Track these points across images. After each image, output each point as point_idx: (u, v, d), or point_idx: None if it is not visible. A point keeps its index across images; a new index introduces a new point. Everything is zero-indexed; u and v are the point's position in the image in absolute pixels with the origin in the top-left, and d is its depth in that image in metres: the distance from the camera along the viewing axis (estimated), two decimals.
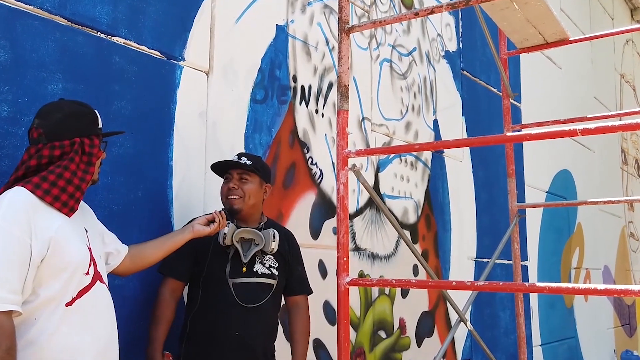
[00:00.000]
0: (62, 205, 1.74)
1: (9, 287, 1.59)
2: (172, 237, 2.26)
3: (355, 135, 3.76)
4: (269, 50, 3.19)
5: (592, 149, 7.89)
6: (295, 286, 2.61)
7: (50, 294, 1.68)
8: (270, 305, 2.44)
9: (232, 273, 2.39)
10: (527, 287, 2.17)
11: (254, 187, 2.47)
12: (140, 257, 2.16)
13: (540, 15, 3.30)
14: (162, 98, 2.61)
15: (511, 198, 4.05)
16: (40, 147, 1.77)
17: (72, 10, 2.28)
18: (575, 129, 2.05)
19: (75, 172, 1.77)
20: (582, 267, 7.28)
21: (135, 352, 2.38)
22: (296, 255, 2.62)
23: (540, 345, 5.95)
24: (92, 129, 1.86)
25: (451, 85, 4.89)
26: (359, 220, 3.77)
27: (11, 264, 1.60)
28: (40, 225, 1.68)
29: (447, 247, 4.64)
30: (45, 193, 1.71)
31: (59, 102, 1.90)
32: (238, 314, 2.35)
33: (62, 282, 1.70)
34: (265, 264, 2.46)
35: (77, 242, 1.78)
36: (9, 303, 1.58)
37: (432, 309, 4.41)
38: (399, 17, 2.51)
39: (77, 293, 1.74)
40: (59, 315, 1.69)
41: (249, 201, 2.45)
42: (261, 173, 2.50)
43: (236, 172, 2.47)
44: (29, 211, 1.67)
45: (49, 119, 1.80)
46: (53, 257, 1.68)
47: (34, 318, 1.66)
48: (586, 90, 7.89)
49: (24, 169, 1.76)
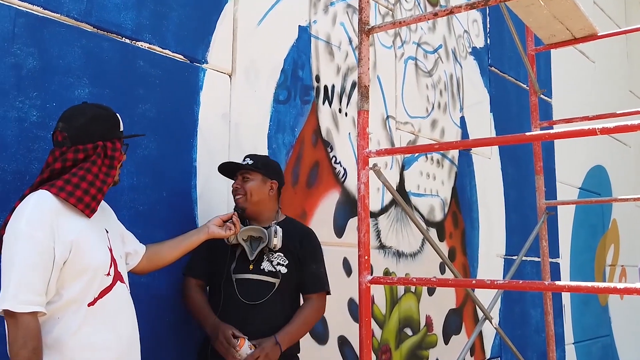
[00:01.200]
0: (84, 207, 1.79)
1: (33, 290, 1.66)
2: (188, 238, 2.31)
3: (380, 133, 3.78)
4: (292, 51, 3.23)
5: (629, 144, 7.73)
6: (307, 284, 2.55)
7: (72, 295, 1.74)
8: (276, 302, 2.42)
9: (236, 270, 2.43)
10: (547, 286, 2.17)
11: (256, 184, 2.50)
12: (157, 257, 2.22)
13: (566, 11, 3.26)
14: (186, 100, 2.68)
15: (539, 195, 4.01)
16: (65, 150, 1.83)
17: (98, 17, 2.36)
18: (595, 129, 2.03)
19: (97, 174, 1.83)
20: (617, 264, 7.15)
21: (159, 349, 2.45)
22: (311, 253, 2.57)
23: (573, 344, 5.87)
24: (114, 133, 1.92)
25: (478, 82, 4.85)
26: (384, 218, 3.78)
27: (35, 267, 1.67)
28: (62, 228, 1.74)
29: (475, 244, 4.61)
30: (69, 195, 1.77)
31: (82, 105, 1.95)
32: (240, 312, 2.38)
33: (84, 283, 1.76)
34: (273, 261, 2.46)
35: (98, 244, 1.84)
36: (34, 304, 1.65)
37: (460, 306, 4.39)
38: (418, 17, 2.51)
39: (99, 293, 1.80)
40: (81, 315, 1.75)
41: (251, 198, 2.49)
42: (262, 170, 2.53)
43: (240, 173, 2.53)
44: (52, 215, 1.73)
45: (73, 123, 1.86)
46: (75, 259, 1.75)
47: (57, 317, 1.73)
48: (621, 84, 7.72)
49: (49, 171, 1.82)
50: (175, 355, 2.54)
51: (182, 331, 2.58)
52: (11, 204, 2.03)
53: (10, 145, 2.07)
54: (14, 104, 2.09)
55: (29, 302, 1.64)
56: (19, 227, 1.69)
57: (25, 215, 1.70)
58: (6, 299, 1.63)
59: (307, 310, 2.49)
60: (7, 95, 2.08)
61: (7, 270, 1.66)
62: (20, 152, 2.09)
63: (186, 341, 2.59)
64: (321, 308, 2.57)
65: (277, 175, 2.61)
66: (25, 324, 1.63)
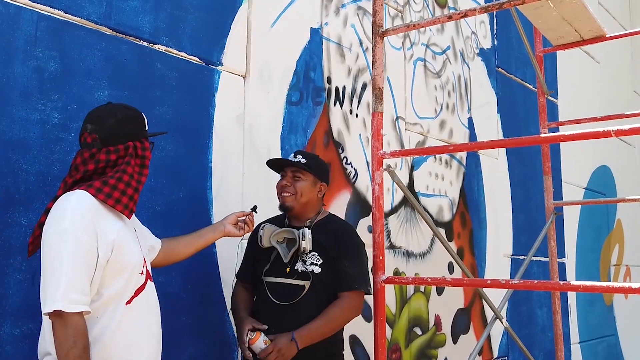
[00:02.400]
0: (123, 208, 1.81)
1: (80, 289, 1.67)
2: (204, 236, 2.33)
3: (389, 134, 3.80)
4: (304, 53, 3.26)
5: (633, 144, 7.75)
6: (339, 282, 2.45)
7: (112, 294, 1.76)
8: (309, 303, 2.39)
9: (269, 272, 2.45)
10: (562, 286, 2.19)
11: (307, 185, 2.49)
12: (172, 253, 2.24)
13: (575, 13, 3.28)
14: (202, 102, 2.71)
15: (547, 196, 4.04)
16: (95, 152, 1.84)
17: (117, 21, 2.39)
18: (610, 130, 2.06)
19: (132, 175, 1.85)
20: (622, 264, 7.17)
21: (176, 348, 2.48)
22: (344, 250, 2.46)
23: (578, 343, 5.90)
24: (141, 132, 1.94)
25: (486, 83, 4.88)
26: (393, 218, 3.81)
27: (80, 267, 1.68)
28: (104, 228, 1.76)
29: (483, 244, 4.64)
30: (107, 197, 1.79)
31: (108, 106, 1.94)
32: (274, 313, 2.40)
33: (122, 282, 1.79)
34: (307, 261, 2.43)
35: (134, 243, 1.87)
36: (81, 304, 1.67)
37: (468, 306, 4.42)
38: (433, 20, 2.54)
39: (135, 292, 1.82)
40: (119, 314, 1.77)
41: (301, 199, 2.47)
42: (315, 172, 2.50)
43: (290, 170, 2.50)
44: (94, 215, 1.74)
45: (103, 124, 1.86)
46: (116, 258, 1.77)
47: (96, 317, 1.74)
48: (626, 84, 7.75)
49: (82, 172, 1.82)
50: (190, 355, 2.57)
51: (198, 331, 2.61)
52: (34, 204, 2.07)
53: (33, 147, 2.10)
54: (36, 106, 2.12)
55: (78, 302, 1.66)
56: (63, 226, 1.69)
57: (67, 215, 1.71)
58: (56, 299, 1.63)
59: (334, 308, 2.39)
60: (30, 97, 2.11)
61: (54, 270, 1.66)
62: (43, 153, 2.12)
63: (201, 341, 2.62)
64: (353, 307, 2.44)
65: (327, 177, 2.59)
66: (74, 323, 1.64)
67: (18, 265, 2.04)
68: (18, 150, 2.07)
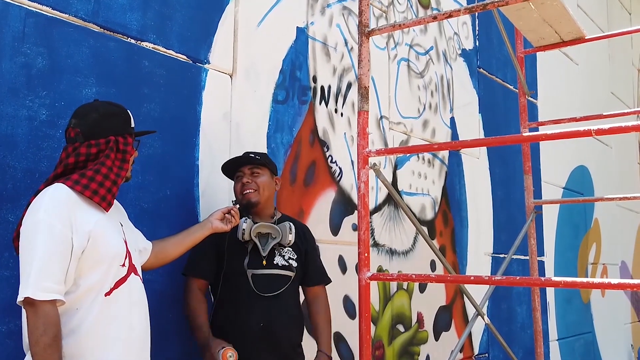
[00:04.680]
0: (100, 199, 1.83)
1: (52, 278, 1.68)
2: (192, 234, 2.35)
3: (374, 133, 3.84)
4: (290, 52, 3.28)
5: (610, 145, 7.89)
6: (315, 276, 2.71)
7: (90, 284, 1.78)
8: (289, 295, 2.53)
9: (250, 265, 2.48)
10: (543, 282, 2.24)
11: (267, 179, 2.58)
12: (163, 254, 2.26)
13: (556, 15, 3.35)
14: (189, 100, 2.72)
15: (528, 194, 4.11)
16: (77, 146, 1.87)
17: (105, 18, 2.39)
18: (590, 130, 2.12)
19: (111, 167, 1.87)
20: (599, 262, 7.30)
21: (164, 344, 2.49)
22: (312, 247, 2.73)
23: (557, 340, 6.00)
24: (125, 128, 1.96)
25: (468, 83, 4.94)
26: (377, 216, 3.85)
27: (54, 256, 1.70)
28: (80, 219, 1.77)
29: (464, 242, 4.71)
30: (85, 188, 1.81)
31: (94, 103, 2.00)
32: (259, 305, 2.43)
33: (100, 273, 1.80)
34: (285, 256, 2.55)
35: (114, 235, 1.88)
36: (54, 292, 1.68)
37: (450, 303, 4.48)
38: (418, 20, 2.58)
39: (115, 284, 1.83)
40: (98, 305, 1.79)
41: (264, 193, 2.55)
42: (270, 166, 2.61)
43: (247, 168, 2.57)
44: (70, 206, 1.76)
45: (86, 119, 1.90)
46: (92, 249, 1.78)
47: (75, 308, 1.76)
48: (603, 85, 7.89)
49: (63, 166, 1.85)
50: (179, 352, 2.58)
51: (185, 328, 2.61)
52: (22, 201, 2.07)
53: (21, 143, 2.10)
54: (24, 102, 2.12)
55: (49, 290, 1.67)
56: (37, 217, 1.71)
57: (42, 206, 1.73)
58: (27, 287, 1.65)
59: (323, 306, 2.69)
60: (18, 94, 2.11)
61: (27, 260, 1.69)
62: (31, 150, 2.12)
63: (189, 338, 2.62)
64: (328, 300, 2.74)
65: (277, 171, 2.70)
66: (45, 311, 1.65)
67: (5, 262, 2.04)
68: (5, 146, 2.06)
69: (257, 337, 2.42)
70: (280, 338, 2.46)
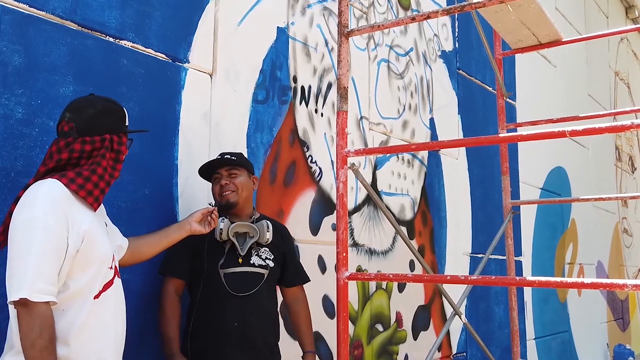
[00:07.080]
0: (94, 200, 1.80)
1: (47, 279, 1.64)
2: (170, 235, 2.31)
3: (354, 134, 3.86)
4: (270, 52, 3.28)
5: (587, 146, 8.01)
6: (294, 277, 2.73)
7: (79, 286, 1.74)
8: (264, 294, 2.51)
9: (224, 265, 2.47)
10: (518, 281, 2.27)
11: (245, 179, 2.58)
12: (139, 252, 2.22)
13: (533, 18, 3.40)
14: (168, 99, 2.71)
15: (505, 195, 4.16)
16: (71, 141, 1.82)
17: (82, 16, 2.37)
18: (565, 131, 2.15)
19: (106, 168, 1.84)
20: (575, 262, 7.40)
21: (141, 345, 2.48)
22: (291, 247, 2.76)
23: (534, 339, 6.07)
24: (120, 127, 1.92)
25: (447, 84, 4.99)
26: (357, 216, 3.87)
27: (49, 256, 1.65)
28: (75, 218, 1.73)
29: (443, 242, 4.74)
30: (80, 188, 1.77)
31: (90, 97, 1.94)
32: (234, 304, 2.43)
33: (90, 275, 1.76)
34: (262, 255, 2.56)
35: (105, 237, 1.86)
36: (48, 294, 1.63)
37: (428, 303, 4.51)
38: (397, 21, 2.60)
39: (103, 287, 1.80)
40: (87, 308, 1.75)
41: (242, 193, 2.56)
42: (247, 166, 2.62)
43: (224, 170, 2.56)
44: (65, 204, 1.72)
45: (82, 114, 1.85)
46: (86, 250, 1.74)
47: (62, 309, 1.71)
48: (581, 88, 8.00)
49: (55, 161, 1.80)
50: (155, 354, 2.57)
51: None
52: None
53: None
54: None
55: (45, 292, 1.62)
56: (33, 214, 1.66)
57: (38, 203, 1.67)
58: (23, 288, 1.60)
59: (303, 306, 2.75)
60: None
61: (21, 258, 1.63)
62: (6, 148, 2.10)
63: None
64: (307, 300, 2.78)
65: (253, 170, 2.70)
66: (41, 313, 1.61)
67: None
68: None
69: (233, 336, 2.42)
70: (255, 337, 2.46)
